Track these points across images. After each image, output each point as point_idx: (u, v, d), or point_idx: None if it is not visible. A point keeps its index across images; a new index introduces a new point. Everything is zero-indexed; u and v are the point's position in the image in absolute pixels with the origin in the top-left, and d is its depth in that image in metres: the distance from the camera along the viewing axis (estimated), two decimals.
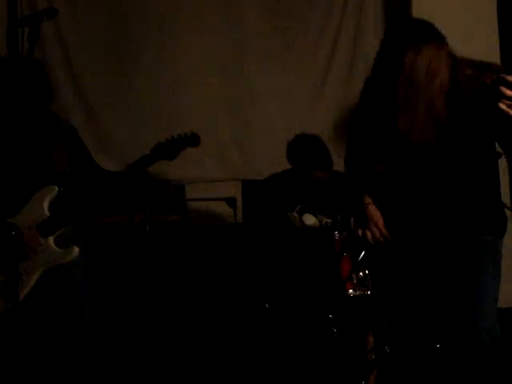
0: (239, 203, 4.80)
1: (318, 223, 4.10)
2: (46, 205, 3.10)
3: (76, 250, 3.07)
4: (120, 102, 5.04)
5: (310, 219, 4.12)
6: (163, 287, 4.44)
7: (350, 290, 3.71)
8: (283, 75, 5.14)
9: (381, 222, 2.81)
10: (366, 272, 3.71)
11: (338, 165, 4.11)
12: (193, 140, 3.18)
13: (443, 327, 2.89)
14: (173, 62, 5.10)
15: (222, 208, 4.64)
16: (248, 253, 4.35)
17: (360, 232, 2.87)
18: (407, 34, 2.55)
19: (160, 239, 4.47)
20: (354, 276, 3.70)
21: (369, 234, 2.83)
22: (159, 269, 4.47)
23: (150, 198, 3.68)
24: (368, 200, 2.86)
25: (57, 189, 3.12)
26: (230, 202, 4.55)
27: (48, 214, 3.11)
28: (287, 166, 4.40)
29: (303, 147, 4.31)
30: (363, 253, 3.60)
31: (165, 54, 5.09)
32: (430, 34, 2.56)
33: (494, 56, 4.66)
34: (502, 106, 2.31)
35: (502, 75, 2.37)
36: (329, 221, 4.06)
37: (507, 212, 2.90)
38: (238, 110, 5.15)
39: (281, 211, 4.24)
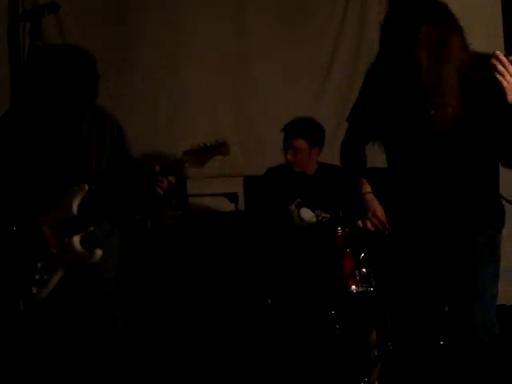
0: (241, 199, 4.78)
1: (314, 218, 4.08)
2: (75, 203, 2.96)
3: (99, 253, 2.93)
4: (121, 102, 5.00)
5: (306, 214, 4.09)
6: (164, 283, 4.43)
7: (353, 287, 3.71)
8: (287, 65, 5.09)
9: (379, 210, 2.77)
10: (369, 268, 3.70)
11: None
12: (223, 148, 3.10)
13: (445, 324, 2.88)
14: (171, 54, 5.07)
15: (224, 203, 4.62)
16: (250, 248, 4.34)
17: (360, 222, 2.85)
18: (421, 13, 2.48)
19: (161, 235, 4.46)
20: (356, 272, 3.70)
21: (368, 223, 2.79)
22: (161, 265, 4.46)
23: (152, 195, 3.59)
24: (366, 189, 2.82)
25: (87, 187, 2.97)
26: (232, 197, 4.54)
27: (76, 213, 2.96)
28: None
29: None
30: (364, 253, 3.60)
31: (164, 46, 5.05)
32: (444, 14, 2.52)
33: (497, 47, 4.61)
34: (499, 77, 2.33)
35: (497, 52, 2.37)
36: (326, 216, 4.05)
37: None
38: (240, 103, 5.13)
39: (280, 205, 4.22)
